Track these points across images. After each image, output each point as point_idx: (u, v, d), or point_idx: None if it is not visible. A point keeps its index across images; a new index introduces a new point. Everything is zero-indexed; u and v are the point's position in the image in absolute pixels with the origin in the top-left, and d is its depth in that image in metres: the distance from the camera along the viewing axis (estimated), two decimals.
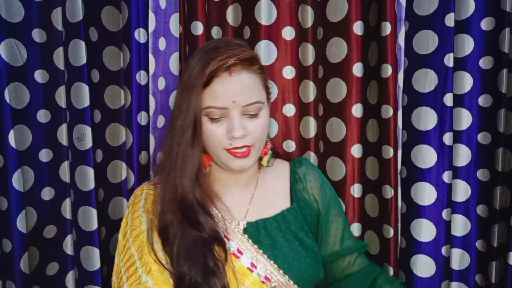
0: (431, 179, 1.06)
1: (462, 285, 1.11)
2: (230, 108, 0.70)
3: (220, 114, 0.71)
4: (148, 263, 0.69)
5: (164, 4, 1.10)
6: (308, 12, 1.12)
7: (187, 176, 0.72)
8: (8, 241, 1.07)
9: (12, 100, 1.06)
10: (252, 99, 0.71)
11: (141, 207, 0.77)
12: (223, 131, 0.71)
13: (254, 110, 0.72)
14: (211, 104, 0.70)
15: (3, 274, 1.09)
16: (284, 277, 0.75)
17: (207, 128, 0.72)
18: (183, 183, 0.72)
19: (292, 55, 1.13)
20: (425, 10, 1.04)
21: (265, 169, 0.86)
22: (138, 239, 0.73)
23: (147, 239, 0.72)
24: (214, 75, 0.69)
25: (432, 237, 1.06)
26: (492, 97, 1.04)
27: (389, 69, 1.01)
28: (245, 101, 0.70)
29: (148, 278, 0.67)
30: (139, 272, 0.68)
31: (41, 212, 1.13)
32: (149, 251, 0.70)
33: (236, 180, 0.82)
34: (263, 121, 0.74)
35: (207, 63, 0.69)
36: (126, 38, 1.06)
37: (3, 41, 1.04)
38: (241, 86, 0.70)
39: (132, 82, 1.06)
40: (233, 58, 0.69)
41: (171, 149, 0.73)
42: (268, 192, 0.84)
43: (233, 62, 0.69)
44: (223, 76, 0.69)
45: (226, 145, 0.72)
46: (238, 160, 0.72)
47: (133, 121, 1.08)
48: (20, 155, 1.08)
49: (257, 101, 0.72)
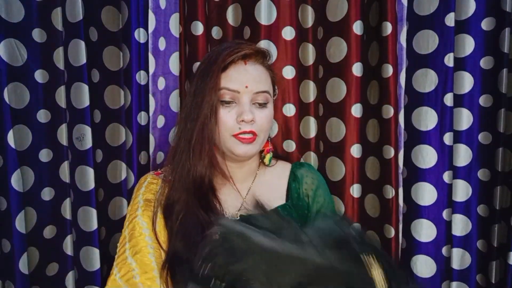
0: (432, 179, 1.06)
1: (463, 285, 1.11)
2: (241, 92, 0.76)
3: (231, 98, 0.76)
4: (135, 246, 0.73)
5: (164, 4, 1.10)
6: (308, 12, 1.12)
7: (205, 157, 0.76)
8: (8, 241, 1.06)
9: (12, 100, 1.06)
10: (263, 87, 0.77)
11: (141, 194, 0.82)
12: (233, 115, 0.76)
13: (263, 99, 0.78)
14: (225, 85, 0.75)
15: (2, 275, 1.08)
16: None
17: (219, 112, 0.76)
18: (199, 163, 0.76)
19: (292, 55, 1.13)
20: (425, 10, 1.04)
21: (265, 168, 0.88)
22: (131, 223, 0.77)
23: (139, 223, 0.76)
24: (232, 62, 0.76)
25: (432, 237, 1.06)
26: (493, 97, 1.04)
27: (389, 69, 1.01)
28: (256, 88, 0.76)
29: (133, 260, 0.72)
30: (126, 254, 0.73)
31: (41, 212, 1.12)
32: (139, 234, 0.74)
33: (235, 174, 0.84)
34: (269, 112, 0.79)
35: (225, 52, 0.76)
36: (126, 38, 1.06)
37: (3, 41, 1.04)
38: (254, 75, 0.77)
39: (132, 82, 1.06)
40: (250, 49, 0.77)
41: (186, 130, 0.77)
42: (264, 189, 0.85)
43: (249, 51, 0.77)
44: (239, 64, 0.77)
45: (235, 130, 0.76)
46: (243, 145, 0.76)
47: (133, 121, 1.08)
48: (20, 155, 1.07)
49: (266, 90, 0.78)
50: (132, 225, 0.77)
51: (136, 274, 0.70)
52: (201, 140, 0.75)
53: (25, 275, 1.08)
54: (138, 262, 0.72)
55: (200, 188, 0.77)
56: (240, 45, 0.78)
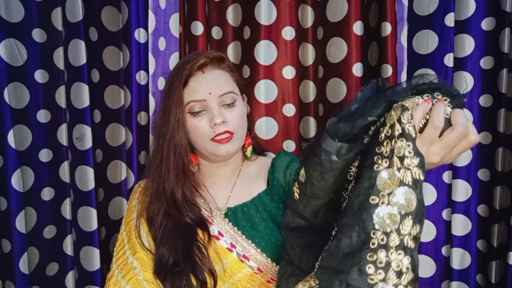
0: (431, 179, 1.06)
1: (463, 285, 1.11)
2: (208, 100, 0.80)
3: (200, 107, 0.80)
4: (134, 246, 0.78)
5: (164, 4, 1.10)
6: (308, 12, 1.12)
7: (173, 170, 0.81)
8: (8, 241, 1.07)
9: (12, 100, 1.06)
10: (225, 89, 0.81)
11: (135, 199, 0.88)
12: (205, 122, 0.80)
13: (229, 100, 0.81)
14: (191, 98, 0.80)
15: (2, 275, 1.09)
16: (262, 255, 0.79)
17: (191, 123, 0.80)
18: (169, 177, 0.81)
19: (292, 55, 1.14)
20: (425, 10, 1.04)
21: (248, 162, 0.92)
22: (128, 225, 0.83)
23: (135, 225, 0.81)
24: (190, 75, 0.80)
25: (432, 237, 1.07)
26: (493, 97, 1.04)
27: (389, 69, 1.01)
28: (220, 92, 0.80)
29: (134, 259, 0.77)
30: (126, 254, 0.78)
31: (41, 212, 1.12)
32: (136, 236, 0.80)
33: (220, 173, 0.89)
34: (239, 110, 0.83)
35: (183, 68, 0.80)
36: (126, 38, 1.06)
37: (3, 41, 1.04)
38: (214, 80, 0.81)
39: (132, 82, 1.06)
40: (203, 58, 0.81)
41: (158, 146, 0.82)
42: (248, 180, 0.90)
43: (204, 61, 0.81)
44: (198, 75, 0.81)
45: (210, 134, 0.80)
46: (222, 145, 0.80)
47: (133, 121, 1.08)
48: (20, 155, 1.07)
49: (230, 91, 0.82)
50: (129, 228, 0.82)
51: (139, 272, 0.74)
52: (169, 154, 0.80)
53: (25, 275, 1.08)
54: (139, 260, 0.76)
55: (174, 199, 0.82)
56: (196, 56, 0.82)
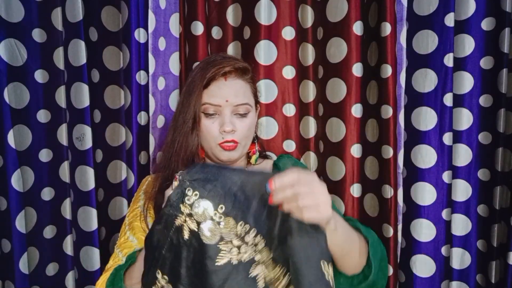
0: (431, 179, 1.06)
1: (463, 285, 1.11)
2: (223, 106, 0.82)
3: (214, 111, 0.83)
4: (135, 227, 0.83)
5: (164, 4, 1.10)
6: (308, 12, 1.12)
7: (184, 161, 0.83)
8: (8, 241, 1.07)
9: (12, 100, 1.06)
10: (242, 100, 0.84)
11: (142, 190, 0.91)
12: (216, 126, 0.83)
13: (243, 110, 0.84)
14: (208, 101, 0.82)
15: (2, 275, 1.09)
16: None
17: (203, 123, 0.84)
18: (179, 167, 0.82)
19: (292, 55, 1.14)
20: (425, 10, 1.04)
21: (252, 166, 0.94)
22: (132, 213, 0.87)
23: (141, 212, 0.85)
24: (212, 79, 0.82)
25: (432, 237, 1.07)
26: (492, 97, 1.04)
27: (389, 69, 1.01)
28: (236, 101, 0.83)
29: (134, 238, 0.82)
30: (127, 234, 0.83)
31: (41, 212, 1.12)
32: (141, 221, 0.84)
33: None
34: (250, 121, 0.86)
35: (207, 69, 0.82)
36: (126, 38, 1.06)
37: (3, 41, 1.04)
38: (234, 89, 0.83)
39: (132, 82, 1.06)
40: (229, 66, 0.83)
41: (173, 138, 0.84)
42: None
43: (229, 69, 0.82)
44: (220, 80, 0.83)
45: (219, 139, 0.83)
46: (226, 152, 0.84)
47: (133, 121, 1.08)
48: (20, 155, 1.07)
49: (246, 102, 0.84)
50: (133, 214, 0.86)
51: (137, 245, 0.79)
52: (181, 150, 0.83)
53: (25, 275, 1.08)
54: (139, 240, 0.81)
55: None
56: (223, 61, 0.84)
